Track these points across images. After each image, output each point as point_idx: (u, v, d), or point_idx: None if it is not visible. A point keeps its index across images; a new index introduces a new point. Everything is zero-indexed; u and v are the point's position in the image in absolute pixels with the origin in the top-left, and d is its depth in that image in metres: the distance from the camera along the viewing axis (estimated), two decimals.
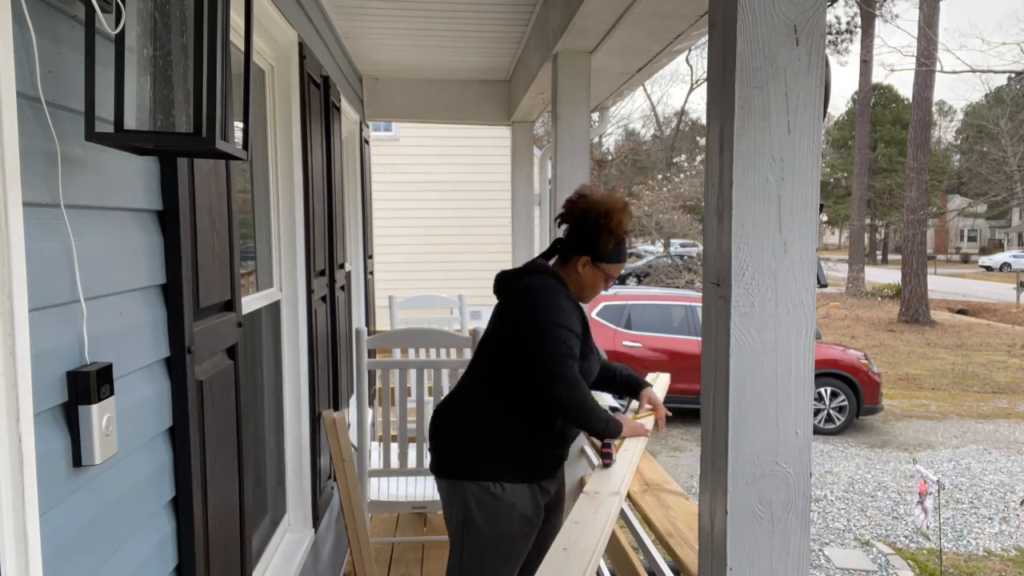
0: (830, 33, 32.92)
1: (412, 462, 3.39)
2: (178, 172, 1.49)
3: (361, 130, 5.50)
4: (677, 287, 18.44)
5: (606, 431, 2.20)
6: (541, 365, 2.08)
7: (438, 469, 2.31)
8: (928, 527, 5.52)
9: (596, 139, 16.55)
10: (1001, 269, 38.17)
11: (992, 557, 6.06)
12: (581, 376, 2.16)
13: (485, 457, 2.21)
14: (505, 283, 2.32)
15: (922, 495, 5.24)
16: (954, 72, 26.04)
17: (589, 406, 2.14)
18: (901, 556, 5.99)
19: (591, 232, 2.22)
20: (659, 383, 2.84)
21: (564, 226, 2.31)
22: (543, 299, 2.15)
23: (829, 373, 9.24)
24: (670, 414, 2.56)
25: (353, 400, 4.33)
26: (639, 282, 23.37)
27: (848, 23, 33.77)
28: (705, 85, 1.37)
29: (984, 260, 41.56)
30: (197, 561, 1.56)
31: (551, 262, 2.34)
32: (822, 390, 9.28)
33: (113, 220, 1.30)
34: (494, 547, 2.21)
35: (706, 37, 1.38)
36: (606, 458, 2.19)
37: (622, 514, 2.60)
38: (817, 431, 9.08)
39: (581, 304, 2.32)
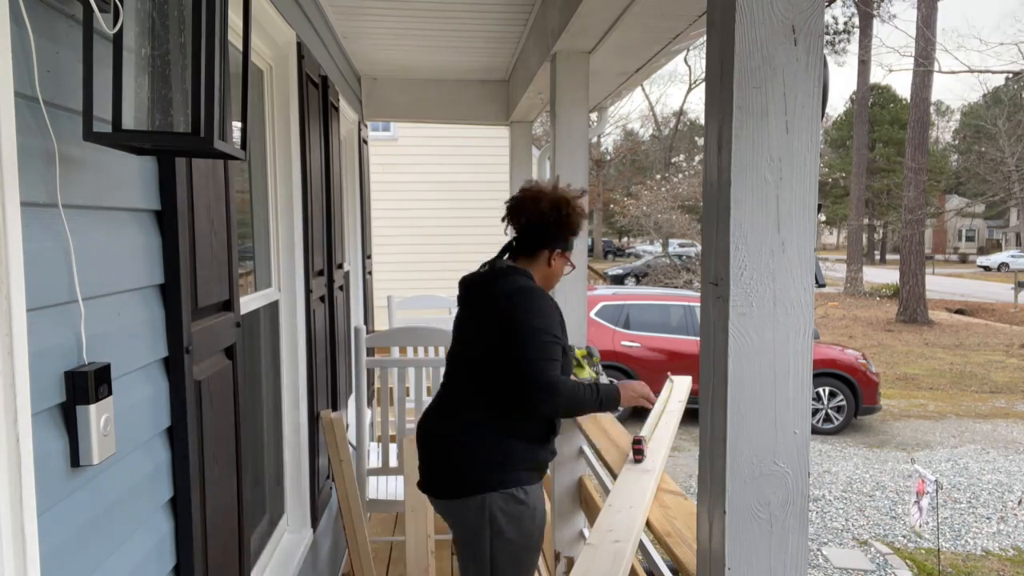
0: (828, 33, 32.94)
1: None
2: (176, 172, 1.49)
3: (360, 130, 5.50)
4: (675, 287, 18.44)
5: (602, 408, 2.21)
6: (523, 372, 2.08)
7: (448, 490, 2.23)
8: (922, 526, 5.52)
9: (595, 139, 16.57)
10: (999, 269, 38.20)
11: (990, 556, 6.07)
12: (569, 360, 2.24)
13: (504, 465, 2.17)
14: (480, 288, 2.30)
15: (919, 494, 5.25)
16: (952, 72, 26.08)
17: (577, 400, 2.15)
18: (899, 556, 6.00)
19: (561, 226, 2.27)
20: (681, 386, 2.86)
21: (520, 222, 2.31)
22: (528, 304, 2.16)
23: (827, 373, 9.24)
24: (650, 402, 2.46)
25: (352, 400, 4.33)
26: (638, 282, 23.38)
27: (846, 23, 33.83)
28: (703, 85, 1.37)
29: (982, 260, 41.60)
30: (195, 561, 1.55)
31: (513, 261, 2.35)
32: (820, 390, 9.29)
33: (111, 220, 1.30)
34: (526, 554, 2.21)
35: (704, 37, 1.38)
36: (637, 454, 2.26)
37: None
38: (815, 431, 9.09)
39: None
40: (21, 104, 1.02)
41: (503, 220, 2.33)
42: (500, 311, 2.18)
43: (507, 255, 2.35)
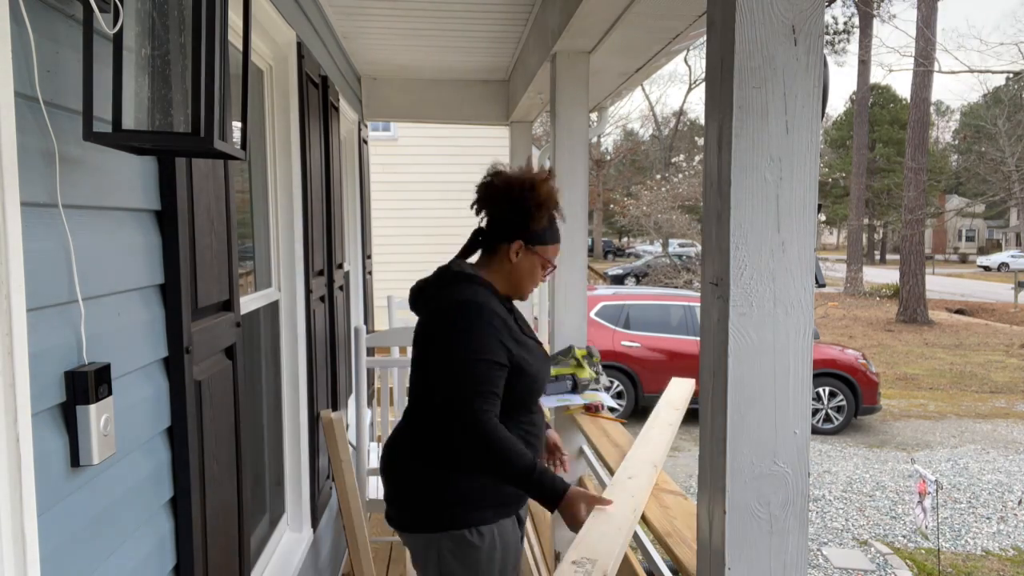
0: (828, 33, 32.93)
1: None
2: (176, 172, 1.49)
3: (360, 130, 5.50)
4: (676, 287, 18.44)
5: (532, 489, 1.76)
6: (444, 406, 1.78)
7: (401, 523, 1.96)
8: (927, 527, 5.52)
9: (595, 139, 16.57)
10: (999, 269, 38.19)
11: (990, 557, 6.07)
12: (536, 378, 1.91)
13: (456, 502, 1.86)
14: (423, 300, 1.96)
15: (921, 495, 5.25)
16: (952, 72, 26.09)
17: (500, 452, 1.74)
18: (899, 556, 6.00)
19: (519, 210, 1.88)
20: (684, 388, 2.84)
21: (483, 214, 1.98)
22: (462, 323, 1.81)
23: (827, 373, 9.24)
24: (566, 456, 2.26)
25: (352, 400, 4.33)
26: (638, 282, 23.38)
27: (846, 23, 33.83)
28: (703, 85, 1.37)
29: (982, 260, 41.59)
30: (195, 561, 1.55)
31: (475, 259, 2.01)
32: (820, 390, 9.29)
33: (111, 220, 1.30)
34: None
35: (704, 37, 1.38)
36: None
37: None
38: (815, 431, 9.08)
39: (514, 303, 2.02)
40: (21, 104, 1.02)
41: (472, 207, 1.99)
42: (429, 332, 1.88)
43: (474, 252, 2.02)
